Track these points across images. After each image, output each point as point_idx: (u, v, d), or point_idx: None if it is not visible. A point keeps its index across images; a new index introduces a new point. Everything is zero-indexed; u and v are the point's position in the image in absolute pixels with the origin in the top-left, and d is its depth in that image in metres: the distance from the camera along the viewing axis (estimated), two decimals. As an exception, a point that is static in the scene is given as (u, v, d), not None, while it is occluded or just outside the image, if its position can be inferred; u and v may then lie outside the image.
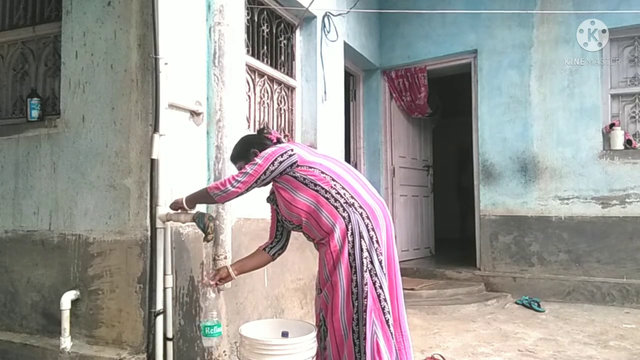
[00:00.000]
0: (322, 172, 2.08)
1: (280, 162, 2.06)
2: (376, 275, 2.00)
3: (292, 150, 2.09)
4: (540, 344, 3.34)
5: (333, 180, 2.07)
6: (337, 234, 2.02)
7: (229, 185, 2.04)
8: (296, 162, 2.08)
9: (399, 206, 5.82)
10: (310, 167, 2.08)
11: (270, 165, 2.05)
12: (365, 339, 1.97)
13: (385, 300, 2.02)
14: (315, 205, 2.05)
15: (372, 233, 2.03)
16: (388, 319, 2.02)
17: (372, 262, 2.00)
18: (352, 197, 2.06)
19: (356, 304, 2.00)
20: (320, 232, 2.08)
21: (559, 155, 4.75)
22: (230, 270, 2.29)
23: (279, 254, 2.37)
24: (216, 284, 2.32)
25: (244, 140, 2.32)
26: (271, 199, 2.30)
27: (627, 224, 4.45)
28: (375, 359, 1.99)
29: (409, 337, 2.13)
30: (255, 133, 2.37)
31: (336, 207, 2.03)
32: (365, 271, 1.99)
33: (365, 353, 1.97)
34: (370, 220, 2.04)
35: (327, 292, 2.06)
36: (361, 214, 2.04)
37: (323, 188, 2.05)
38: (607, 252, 4.52)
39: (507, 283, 4.88)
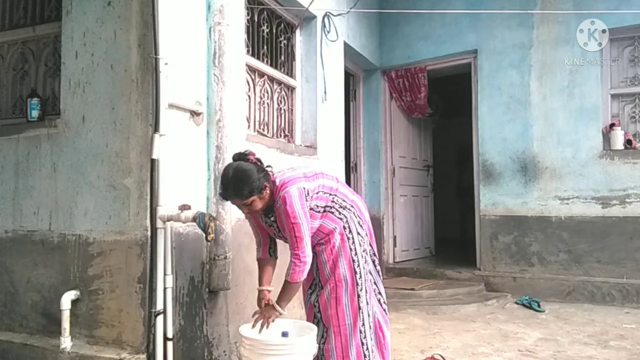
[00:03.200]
0: (324, 193, 2.27)
1: (307, 200, 2.18)
2: (366, 262, 2.33)
3: (303, 187, 2.16)
4: (540, 344, 3.34)
5: (330, 194, 2.29)
6: (337, 234, 2.28)
7: (304, 260, 2.12)
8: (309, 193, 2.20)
9: (399, 206, 5.81)
10: (317, 192, 2.24)
11: (306, 209, 2.16)
12: (372, 321, 2.31)
13: (375, 283, 2.41)
14: (320, 221, 2.27)
15: (364, 226, 2.36)
16: (380, 299, 2.42)
17: (365, 251, 2.33)
18: (343, 200, 2.32)
19: (361, 294, 2.26)
20: (319, 235, 2.29)
21: (559, 155, 4.75)
22: (267, 288, 2.32)
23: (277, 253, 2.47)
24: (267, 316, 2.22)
25: (249, 176, 2.11)
26: (267, 222, 2.29)
27: (627, 224, 4.45)
28: (378, 334, 2.37)
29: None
30: (245, 162, 2.16)
31: (333, 213, 2.29)
32: (363, 260, 2.29)
33: (372, 339, 2.29)
34: (359, 216, 2.35)
35: (331, 288, 2.27)
36: (353, 212, 2.33)
37: (327, 205, 2.28)
38: (607, 252, 4.51)
39: (507, 283, 4.88)
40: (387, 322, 2.44)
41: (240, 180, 2.10)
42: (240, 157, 2.20)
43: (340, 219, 2.28)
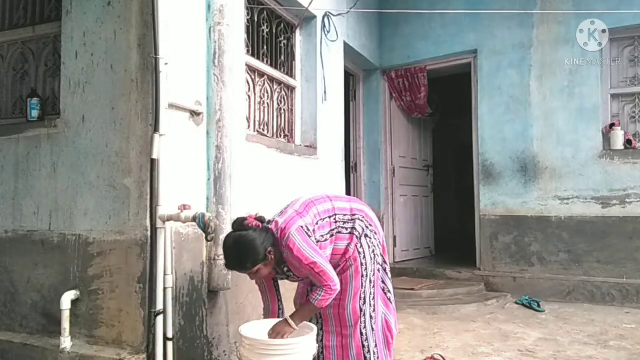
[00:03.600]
0: (322, 219, 2.23)
1: (309, 235, 2.12)
2: (374, 262, 2.33)
3: (301, 227, 2.11)
4: (540, 344, 3.34)
5: (330, 217, 2.26)
6: (352, 247, 2.27)
7: (333, 293, 2.10)
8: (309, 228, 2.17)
9: (399, 206, 5.81)
10: (316, 223, 2.21)
11: (313, 242, 2.12)
12: (375, 323, 2.30)
13: (383, 281, 2.43)
14: (332, 245, 2.25)
15: (371, 228, 2.35)
16: (390, 297, 2.45)
17: (374, 253, 2.32)
18: (344, 215, 2.31)
19: (363, 297, 2.26)
20: (335, 258, 2.27)
21: (559, 155, 4.75)
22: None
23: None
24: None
25: (252, 245, 2.04)
26: (284, 276, 2.27)
27: (627, 224, 4.45)
28: (387, 334, 2.39)
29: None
30: (245, 232, 2.08)
31: (341, 232, 2.27)
32: (372, 262, 2.30)
33: (374, 341, 2.28)
34: (364, 219, 2.34)
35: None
36: (358, 218, 2.32)
37: (331, 230, 2.25)
38: (607, 252, 4.51)
39: (507, 283, 4.88)
40: (395, 319, 2.45)
41: (243, 253, 2.05)
42: (239, 226, 2.11)
43: (350, 233, 2.27)
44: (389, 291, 2.46)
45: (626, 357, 3.09)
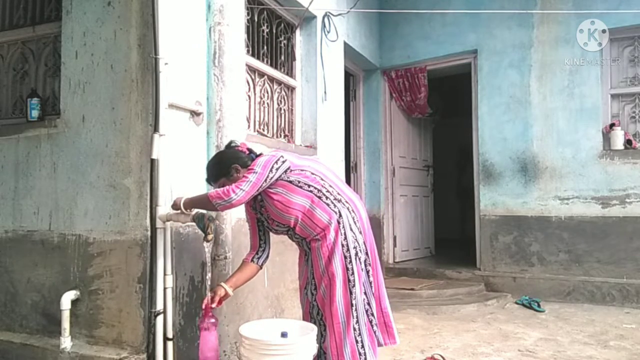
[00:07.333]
0: (312, 173, 2.24)
1: (277, 169, 2.17)
2: (359, 260, 2.22)
3: (282, 156, 2.22)
4: (540, 344, 3.34)
5: (322, 179, 2.25)
6: (332, 228, 2.18)
7: (232, 195, 2.07)
8: (289, 167, 2.21)
9: (399, 206, 5.81)
10: (302, 170, 2.23)
11: (269, 173, 2.15)
12: (365, 323, 2.19)
13: (364, 284, 2.24)
14: (310, 204, 2.20)
15: (358, 224, 2.26)
16: (364, 299, 2.24)
17: (360, 251, 2.23)
18: (338, 193, 2.25)
19: (353, 291, 2.17)
20: (315, 229, 2.22)
21: (559, 155, 4.75)
22: (226, 287, 2.24)
23: (264, 263, 2.40)
24: (218, 305, 2.23)
25: (220, 158, 2.33)
26: (257, 208, 2.32)
27: (627, 224, 4.45)
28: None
29: (390, 313, 2.36)
30: (226, 149, 2.39)
31: (328, 204, 2.20)
32: (355, 258, 2.20)
33: (365, 338, 2.18)
34: (354, 213, 2.26)
35: (325, 286, 2.20)
36: (348, 208, 2.24)
37: (315, 188, 2.21)
38: (607, 252, 4.51)
39: (507, 283, 4.88)
40: (368, 326, 2.23)
41: (211, 164, 2.33)
42: (226, 146, 2.40)
43: (335, 212, 2.19)
44: (372, 314, 2.25)
45: (626, 357, 3.09)
